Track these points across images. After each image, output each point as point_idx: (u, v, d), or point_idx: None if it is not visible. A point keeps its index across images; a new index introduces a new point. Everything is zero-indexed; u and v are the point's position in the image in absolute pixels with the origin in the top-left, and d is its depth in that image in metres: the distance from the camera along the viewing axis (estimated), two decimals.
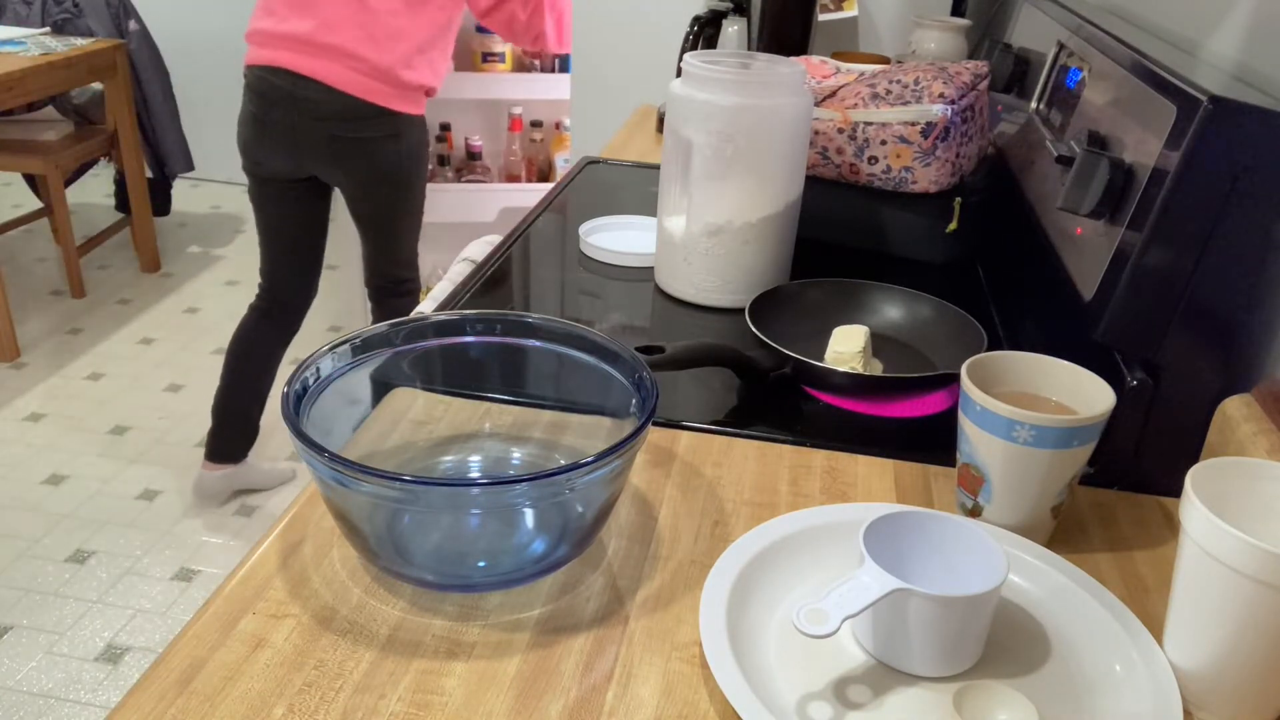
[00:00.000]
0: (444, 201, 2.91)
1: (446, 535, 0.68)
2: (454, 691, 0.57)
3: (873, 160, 1.18)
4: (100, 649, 1.96)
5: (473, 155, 2.97)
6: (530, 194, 2.98)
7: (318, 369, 0.68)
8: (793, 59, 1.12)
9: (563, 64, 2.91)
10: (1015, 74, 1.31)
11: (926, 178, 1.17)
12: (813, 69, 1.28)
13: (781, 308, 0.99)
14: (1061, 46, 1.14)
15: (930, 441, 0.83)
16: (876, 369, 0.93)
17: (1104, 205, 0.80)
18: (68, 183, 3.56)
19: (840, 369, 0.88)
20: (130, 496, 2.41)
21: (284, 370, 2.63)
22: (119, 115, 3.34)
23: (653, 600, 0.64)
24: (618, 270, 1.18)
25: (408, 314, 0.88)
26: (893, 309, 1.03)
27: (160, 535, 2.28)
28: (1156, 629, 0.61)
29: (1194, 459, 0.76)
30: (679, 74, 1.08)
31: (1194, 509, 0.55)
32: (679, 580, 0.66)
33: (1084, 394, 0.72)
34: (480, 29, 2.81)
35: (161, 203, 3.74)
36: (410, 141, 2.03)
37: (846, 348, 0.89)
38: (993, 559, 0.59)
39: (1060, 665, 0.61)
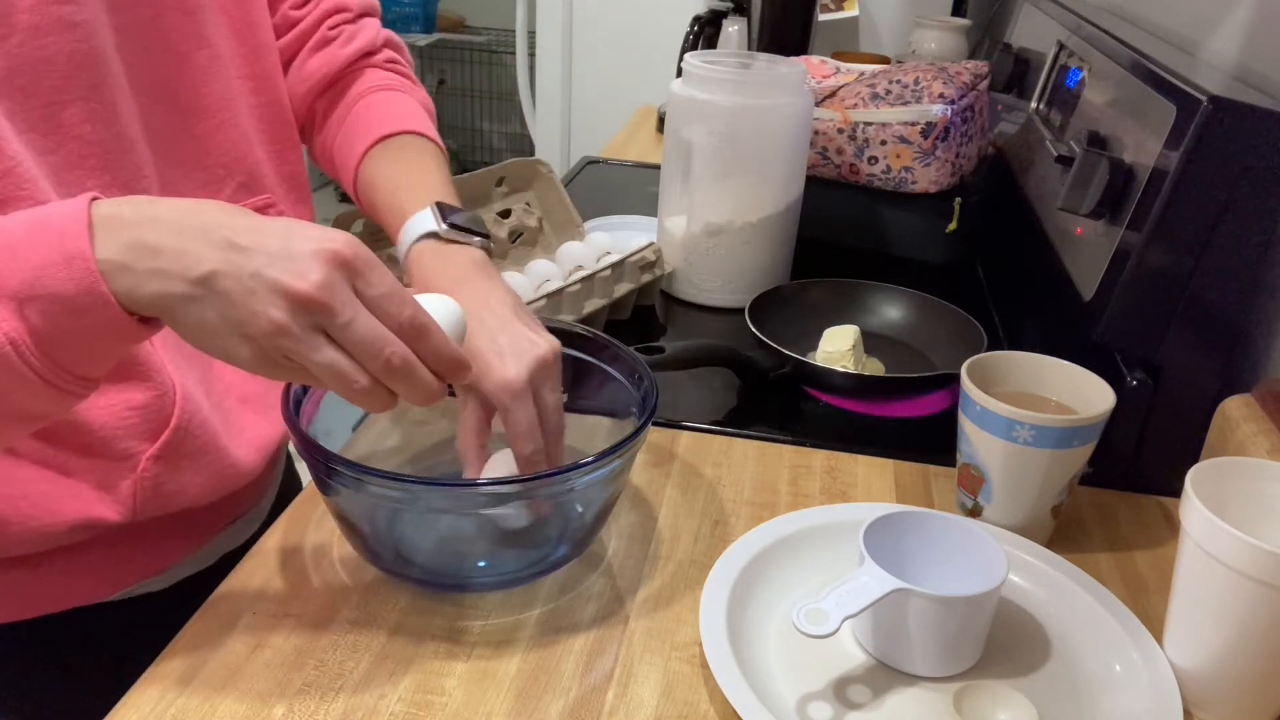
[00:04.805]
0: None
1: (446, 535, 0.68)
2: (454, 691, 0.57)
3: (873, 160, 1.18)
4: None
5: None
6: None
7: None
8: (793, 59, 1.12)
9: None
10: (1015, 74, 1.31)
11: (926, 178, 1.17)
12: (813, 69, 1.28)
13: (781, 308, 0.99)
14: (1061, 46, 1.14)
15: (930, 441, 0.83)
16: (876, 368, 0.93)
17: (1104, 205, 0.80)
18: None
19: (836, 369, 0.88)
20: None
21: None
22: None
23: (653, 600, 0.64)
24: None
25: None
26: (892, 309, 1.03)
27: None
28: (1156, 629, 0.61)
29: (1194, 459, 0.76)
30: (679, 74, 1.08)
31: (1194, 509, 0.55)
32: (679, 580, 0.66)
33: (1084, 394, 0.71)
34: None
35: None
36: None
37: (836, 347, 0.89)
38: (993, 559, 0.59)
39: (1060, 665, 0.61)
